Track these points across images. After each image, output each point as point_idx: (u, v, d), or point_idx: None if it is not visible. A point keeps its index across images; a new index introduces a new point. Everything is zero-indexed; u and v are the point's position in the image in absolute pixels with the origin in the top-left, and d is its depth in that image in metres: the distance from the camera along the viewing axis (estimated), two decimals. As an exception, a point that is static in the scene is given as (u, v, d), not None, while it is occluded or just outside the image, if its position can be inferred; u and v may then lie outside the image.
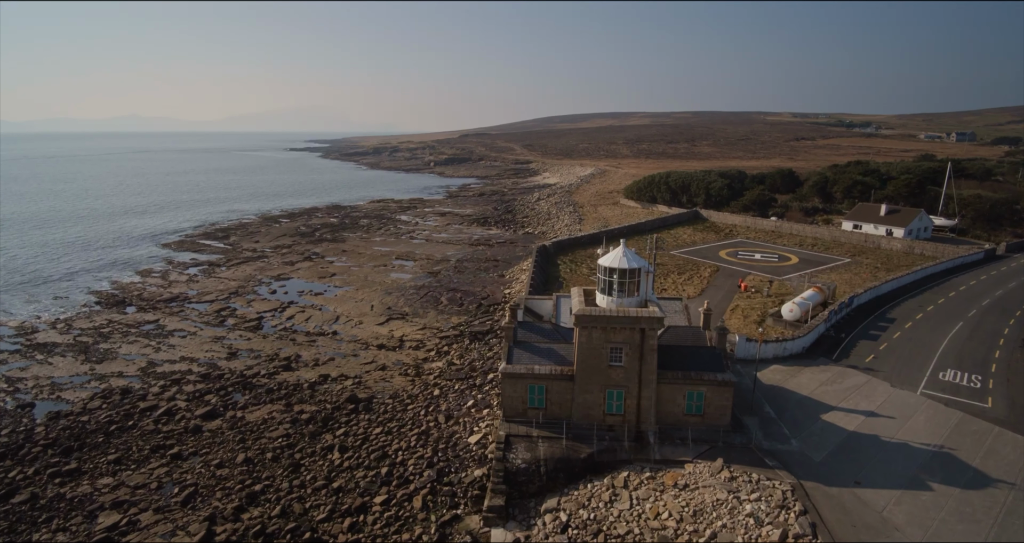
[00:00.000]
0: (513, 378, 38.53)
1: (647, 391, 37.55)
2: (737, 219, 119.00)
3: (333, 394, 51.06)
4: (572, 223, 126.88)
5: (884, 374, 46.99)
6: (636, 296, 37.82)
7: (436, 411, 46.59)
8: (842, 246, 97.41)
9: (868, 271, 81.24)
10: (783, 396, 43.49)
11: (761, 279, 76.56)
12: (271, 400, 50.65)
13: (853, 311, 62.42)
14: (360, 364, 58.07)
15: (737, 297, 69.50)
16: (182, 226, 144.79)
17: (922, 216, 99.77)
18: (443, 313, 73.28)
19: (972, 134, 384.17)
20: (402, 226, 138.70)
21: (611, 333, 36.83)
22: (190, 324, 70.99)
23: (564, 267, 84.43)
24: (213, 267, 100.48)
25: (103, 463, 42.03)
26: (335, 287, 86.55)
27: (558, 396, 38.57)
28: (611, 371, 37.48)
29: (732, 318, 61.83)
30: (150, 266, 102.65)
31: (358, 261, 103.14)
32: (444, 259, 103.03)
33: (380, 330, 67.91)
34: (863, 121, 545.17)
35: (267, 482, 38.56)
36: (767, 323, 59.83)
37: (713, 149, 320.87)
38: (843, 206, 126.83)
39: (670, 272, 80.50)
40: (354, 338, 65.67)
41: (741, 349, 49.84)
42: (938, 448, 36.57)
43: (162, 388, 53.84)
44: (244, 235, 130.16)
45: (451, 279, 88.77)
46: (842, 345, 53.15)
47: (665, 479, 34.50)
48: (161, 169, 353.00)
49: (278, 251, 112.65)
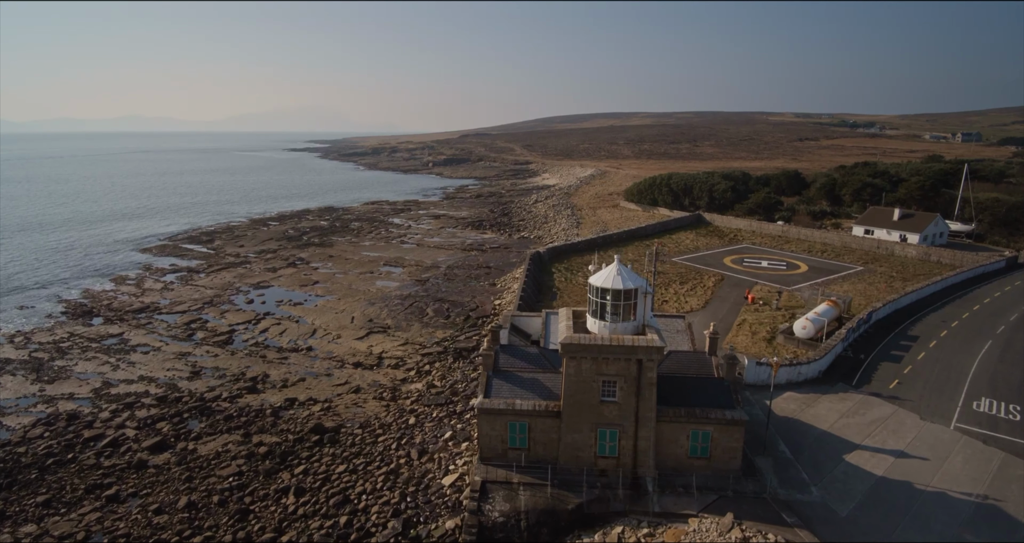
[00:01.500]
0: (491, 415, 33.57)
1: (645, 430, 32.57)
2: (742, 223, 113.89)
3: (298, 422, 46.12)
4: (569, 227, 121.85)
5: (912, 404, 41.94)
6: (632, 320, 32.83)
7: (409, 444, 41.65)
8: (853, 253, 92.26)
9: (883, 280, 76.13)
10: (799, 431, 38.47)
11: (769, 290, 71.51)
12: (228, 429, 45.72)
13: (871, 327, 57.33)
14: (332, 385, 53.12)
15: (744, 310, 64.47)
16: (168, 229, 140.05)
17: (938, 221, 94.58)
18: (428, 326, 68.31)
19: (978, 134, 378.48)
20: (394, 229, 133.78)
21: (603, 364, 31.86)
22: (156, 338, 66.12)
23: (559, 275, 79.41)
24: (192, 274, 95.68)
25: (31, 506, 37.16)
26: (316, 296, 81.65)
27: (543, 435, 33.60)
28: (603, 408, 32.50)
29: (739, 334, 56.80)
30: (126, 272, 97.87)
31: (344, 267, 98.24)
32: (434, 265, 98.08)
33: (359, 346, 62.95)
34: (866, 121, 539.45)
35: (208, 533, 33.61)
36: (777, 340, 54.79)
37: (715, 149, 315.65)
38: (852, 209, 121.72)
39: (671, 282, 75.47)
40: (330, 354, 60.73)
41: (751, 374, 44.85)
42: (981, 499, 31.54)
43: (112, 413, 48.94)
44: (230, 239, 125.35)
45: (439, 288, 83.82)
46: (862, 368, 48.09)
47: (666, 537, 29.53)
48: (157, 170, 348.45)
49: (262, 256, 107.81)
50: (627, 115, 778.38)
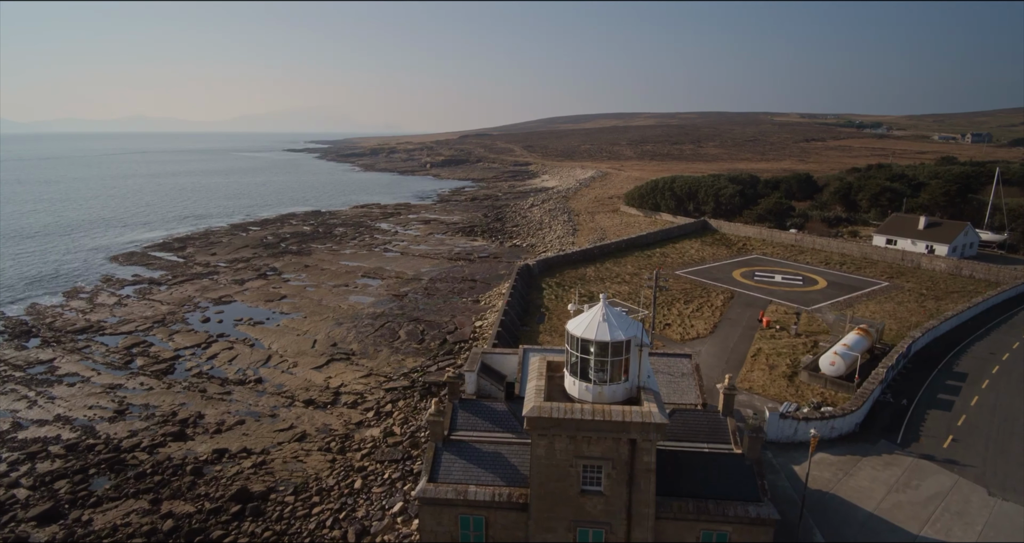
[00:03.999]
0: (436, 506, 25.46)
1: (640, 531, 24.42)
2: (751, 231, 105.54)
3: (221, 484, 38.07)
4: (565, 235, 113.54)
5: (975, 471, 33.65)
6: (623, 382, 24.68)
7: (349, 520, 33.58)
8: (875, 265, 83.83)
9: (913, 299, 67.76)
10: (839, 514, 30.25)
11: (786, 311, 63.23)
12: (137, 492, 37.69)
13: (910, 361, 49.02)
14: (273, 432, 45.07)
15: (759, 336, 56.24)
16: (143, 235, 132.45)
17: (968, 230, 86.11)
18: (398, 352, 60.21)
19: (988, 135, 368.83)
20: (379, 236, 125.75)
21: (584, 444, 23.72)
22: (88, 366, 58.21)
23: (549, 292, 71.22)
24: (152, 286, 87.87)
25: None
26: (281, 314, 73.69)
27: (505, 534, 25.48)
28: (584, 500, 24.37)
29: (754, 368, 48.58)
30: (83, 284, 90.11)
31: (318, 279, 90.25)
32: (416, 277, 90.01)
33: (315, 377, 54.91)
34: (873, 122, 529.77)
35: None
36: (801, 378, 46.55)
37: (720, 150, 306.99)
38: (870, 216, 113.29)
39: (675, 300, 67.23)
40: (280, 388, 52.72)
41: (773, 428, 36.63)
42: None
43: (10, 466, 41.10)
44: (203, 246, 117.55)
45: (417, 305, 75.72)
46: (906, 418, 39.76)
47: None
48: (151, 171, 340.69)
49: (233, 266, 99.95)
50: (630, 115, 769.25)
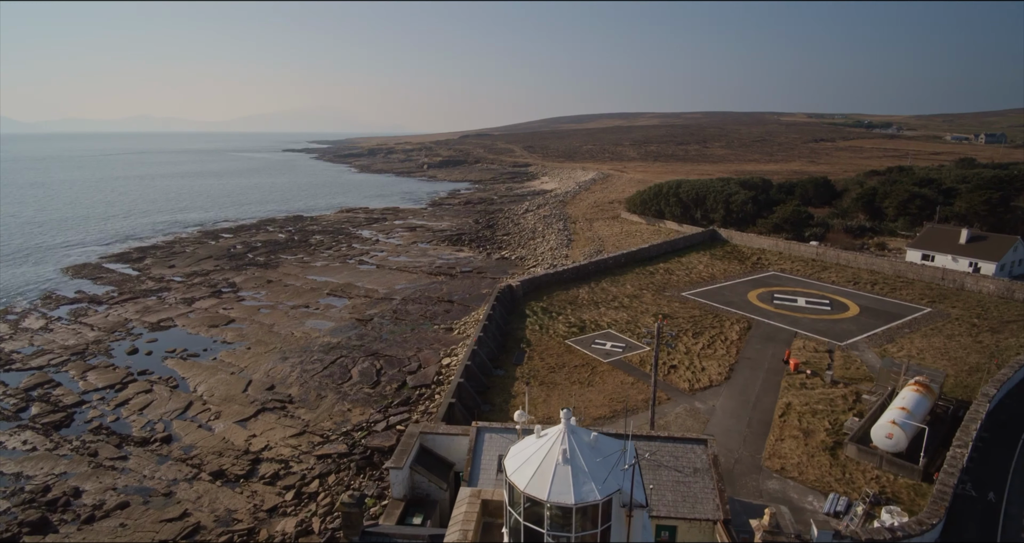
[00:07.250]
0: None
1: None
2: (766, 242, 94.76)
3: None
4: (558, 246, 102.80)
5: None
6: (600, 561, 14.27)
7: None
8: (912, 286, 73.01)
9: (965, 331, 56.93)
10: None
11: (816, 347, 52.63)
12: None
13: (984, 427, 38.34)
14: (158, 522, 34.75)
15: (786, 383, 45.69)
16: (105, 241, 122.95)
17: (1017, 246, 75.18)
18: (344, 399, 49.80)
19: (1003, 135, 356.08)
20: (357, 245, 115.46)
21: None
22: (-30, 415, 48.15)
23: (533, 320, 60.70)
24: (91, 306, 77.86)
25: None
26: (222, 343, 63.48)
27: None
28: None
29: (784, 435, 38.01)
30: (15, 304, 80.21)
31: (277, 298, 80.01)
32: (388, 296, 79.65)
33: (237, 434, 44.58)
34: (882, 122, 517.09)
35: None
36: (847, 454, 35.96)
37: (727, 151, 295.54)
38: (897, 225, 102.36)
39: (682, 332, 56.64)
40: (189, 451, 42.43)
41: (821, 549, 26.13)
42: None
43: None
44: (164, 256, 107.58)
45: (380, 333, 65.28)
46: (1000, 523, 29.21)
47: None
48: (142, 173, 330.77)
49: (189, 280, 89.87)
50: (633, 115, 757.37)
